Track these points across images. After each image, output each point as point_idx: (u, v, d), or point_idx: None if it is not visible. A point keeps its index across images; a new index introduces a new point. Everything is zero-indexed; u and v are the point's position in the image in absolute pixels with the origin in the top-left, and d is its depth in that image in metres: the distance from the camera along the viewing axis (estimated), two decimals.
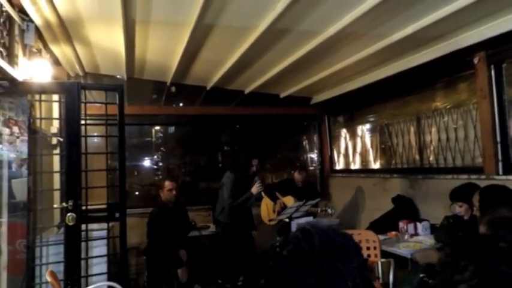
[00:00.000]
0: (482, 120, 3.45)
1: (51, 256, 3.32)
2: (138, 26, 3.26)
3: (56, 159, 3.93)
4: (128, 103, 4.83)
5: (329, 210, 4.49)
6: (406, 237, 3.78)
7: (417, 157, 4.40)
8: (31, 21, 3.04)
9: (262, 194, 4.48)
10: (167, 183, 4.16)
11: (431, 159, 4.20)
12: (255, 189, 4.16)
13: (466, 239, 0.94)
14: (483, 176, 3.40)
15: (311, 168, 6.12)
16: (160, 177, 5.44)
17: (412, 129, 4.47)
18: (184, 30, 3.24)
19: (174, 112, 5.45)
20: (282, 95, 5.55)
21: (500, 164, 3.33)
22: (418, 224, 3.87)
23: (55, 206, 3.63)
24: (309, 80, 4.74)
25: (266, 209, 4.74)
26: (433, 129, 4.14)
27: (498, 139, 3.33)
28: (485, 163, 3.43)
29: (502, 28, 2.92)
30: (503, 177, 3.25)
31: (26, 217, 3.04)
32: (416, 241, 3.60)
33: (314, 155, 6.21)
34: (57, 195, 3.70)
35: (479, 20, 2.94)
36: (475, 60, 3.44)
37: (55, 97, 3.80)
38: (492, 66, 3.36)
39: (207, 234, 4.81)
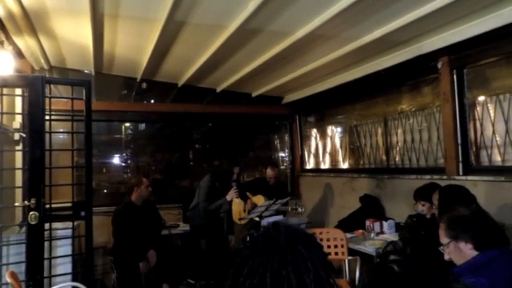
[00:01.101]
0: (445, 122, 3.59)
1: (11, 256, 3.19)
2: (107, 20, 3.18)
3: (18, 156, 3.78)
4: (96, 99, 4.72)
5: (299, 209, 4.53)
6: (372, 235, 3.88)
7: (384, 157, 4.53)
8: None
9: (238, 202, 4.48)
10: (145, 180, 4.07)
11: (397, 159, 4.33)
12: (229, 195, 4.17)
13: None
14: (445, 177, 3.54)
15: (282, 167, 6.17)
16: (130, 174, 5.33)
17: (379, 130, 4.59)
18: (155, 26, 3.20)
19: (145, 109, 5.36)
20: (254, 94, 5.57)
21: (460, 165, 3.47)
22: (384, 223, 3.98)
23: (16, 204, 3.49)
24: (280, 80, 4.78)
25: (236, 208, 4.74)
26: (399, 131, 4.27)
27: (459, 141, 3.47)
28: (447, 164, 3.57)
29: (464, 34, 3.05)
30: (463, 177, 3.39)
31: None
32: (382, 239, 3.71)
33: (285, 154, 6.27)
34: (19, 192, 3.57)
35: (443, 26, 3.05)
36: (439, 65, 3.57)
37: (18, 91, 3.66)
38: (455, 71, 3.50)
39: (177, 233, 4.77)
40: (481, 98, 3.41)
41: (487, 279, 1.52)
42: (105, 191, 5.33)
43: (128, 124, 5.55)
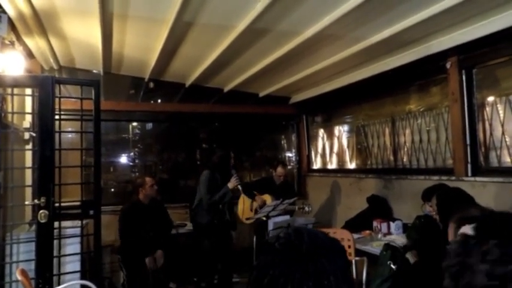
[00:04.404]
0: (453, 123, 3.56)
1: (22, 254, 3.22)
2: (116, 20, 3.21)
3: (28, 155, 3.82)
4: (104, 98, 4.74)
5: (306, 208, 4.52)
6: (379, 236, 3.87)
7: (391, 158, 4.51)
8: (4, 12, 2.94)
9: (240, 190, 4.45)
10: (148, 179, 4.09)
11: (404, 160, 4.31)
12: (231, 183, 4.16)
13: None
14: (453, 177, 3.52)
15: (289, 167, 6.16)
16: (137, 173, 5.37)
17: (387, 131, 4.57)
18: (163, 26, 3.22)
19: (152, 108, 5.39)
20: (261, 94, 5.58)
21: (469, 166, 3.44)
22: (391, 223, 3.96)
23: (26, 202, 3.54)
24: (287, 80, 4.78)
25: (243, 207, 4.75)
26: (407, 131, 4.25)
27: (468, 142, 3.44)
28: (456, 165, 3.55)
29: (473, 34, 3.03)
30: (472, 178, 3.37)
31: None
32: (389, 240, 3.69)
33: (292, 154, 6.26)
34: (29, 191, 3.61)
35: (452, 26, 3.04)
36: (447, 65, 3.55)
37: (28, 91, 3.70)
38: (463, 71, 3.47)
39: (184, 233, 4.78)
40: (491, 99, 3.38)
41: None
42: (112, 190, 5.37)
43: (135, 124, 5.59)
